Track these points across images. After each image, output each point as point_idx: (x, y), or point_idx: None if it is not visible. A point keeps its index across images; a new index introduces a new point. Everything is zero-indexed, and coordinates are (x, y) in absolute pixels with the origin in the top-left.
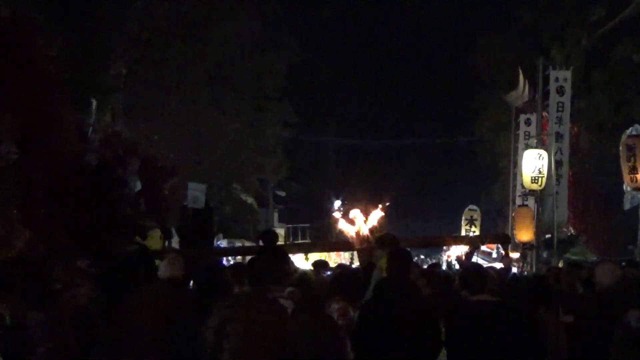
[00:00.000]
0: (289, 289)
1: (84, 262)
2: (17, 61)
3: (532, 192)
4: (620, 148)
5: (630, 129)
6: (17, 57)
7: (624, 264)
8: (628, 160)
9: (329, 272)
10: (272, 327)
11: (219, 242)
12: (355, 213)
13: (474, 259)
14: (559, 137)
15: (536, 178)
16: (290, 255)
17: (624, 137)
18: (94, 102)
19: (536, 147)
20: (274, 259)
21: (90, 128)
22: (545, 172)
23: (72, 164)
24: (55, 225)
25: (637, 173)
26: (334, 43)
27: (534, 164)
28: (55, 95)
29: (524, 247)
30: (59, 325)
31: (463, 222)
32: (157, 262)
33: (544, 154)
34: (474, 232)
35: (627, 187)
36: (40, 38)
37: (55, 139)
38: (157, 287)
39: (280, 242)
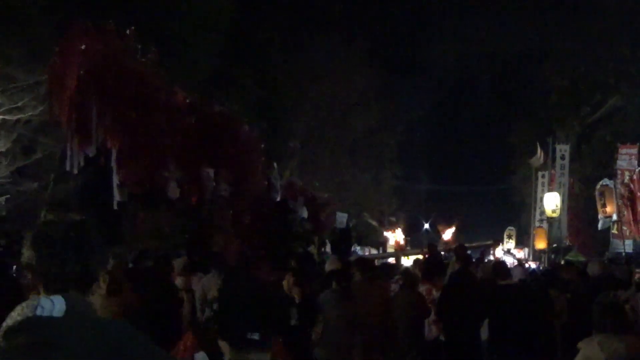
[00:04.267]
0: (397, 277)
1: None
2: (230, 138)
3: (548, 218)
4: (596, 193)
5: (601, 181)
6: (230, 136)
7: (605, 261)
8: (600, 200)
9: None
10: (377, 300)
11: (355, 249)
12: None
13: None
14: (561, 185)
15: (554, 209)
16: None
17: (598, 186)
18: (275, 165)
19: (550, 191)
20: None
21: (274, 178)
22: (559, 205)
23: (263, 199)
24: (255, 237)
25: (605, 207)
26: (423, 129)
27: (552, 201)
28: (254, 159)
29: (540, 252)
30: None
31: (505, 237)
32: None
33: (557, 195)
34: (512, 243)
35: (600, 216)
36: (244, 124)
37: (253, 184)
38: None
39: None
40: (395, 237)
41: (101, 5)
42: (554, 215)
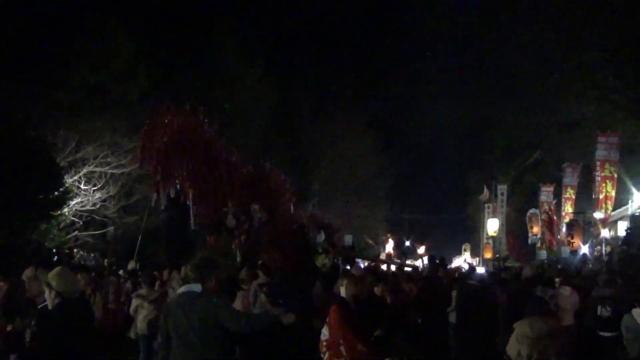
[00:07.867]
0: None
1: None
2: (270, 184)
3: (491, 237)
4: (526, 219)
5: (530, 210)
6: (270, 183)
7: (533, 266)
8: (529, 223)
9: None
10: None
11: (357, 261)
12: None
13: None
14: (501, 214)
15: (495, 230)
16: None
17: (528, 214)
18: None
19: (494, 218)
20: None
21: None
22: (498, 228)
23: (290, 226)
24: (286, 254)
25: (532, 229)
26: (406, 176)
27: (494, 225)
28: (284, 198)
29: (487, 260)
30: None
31: (462, 251)
32: None
33: (497, 220)
34: (467, 254)
35: (529, 234)
36: (280, 174)
37: (284, 214)
38: None
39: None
40: (386, 250)
41: (180, 93)
42: (495, 234)
